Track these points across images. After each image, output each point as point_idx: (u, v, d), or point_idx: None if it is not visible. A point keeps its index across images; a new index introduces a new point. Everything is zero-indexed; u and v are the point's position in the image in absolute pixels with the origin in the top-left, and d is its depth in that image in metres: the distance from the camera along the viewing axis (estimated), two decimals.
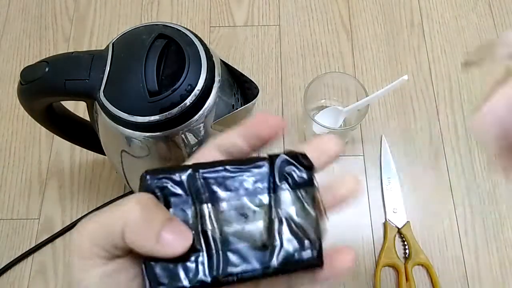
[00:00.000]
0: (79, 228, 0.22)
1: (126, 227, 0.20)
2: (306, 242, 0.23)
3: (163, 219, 0.21)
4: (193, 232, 0.22)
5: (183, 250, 0.21)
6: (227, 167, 0.23)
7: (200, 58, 0.39)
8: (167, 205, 0.22)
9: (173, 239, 0.21)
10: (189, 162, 0.24)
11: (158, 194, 0.22)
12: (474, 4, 0.73)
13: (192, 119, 0.39)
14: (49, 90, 0.40)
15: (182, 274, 0.21)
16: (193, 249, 0.22)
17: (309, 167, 0.24)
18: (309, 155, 0.24)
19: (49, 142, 0.65)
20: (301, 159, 0.24)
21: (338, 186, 0.26)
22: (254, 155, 0.25)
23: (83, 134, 0.53)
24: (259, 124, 0.24)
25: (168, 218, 0.21)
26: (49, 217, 0.60)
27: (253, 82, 0.43)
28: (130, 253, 0.22)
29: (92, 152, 0.59)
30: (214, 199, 0.23)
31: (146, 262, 0.21)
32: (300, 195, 0.24)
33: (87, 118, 0.48)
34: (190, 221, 0.22)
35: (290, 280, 0.24)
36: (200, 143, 0.41)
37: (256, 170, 0.24)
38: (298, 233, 0.23)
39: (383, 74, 0.68)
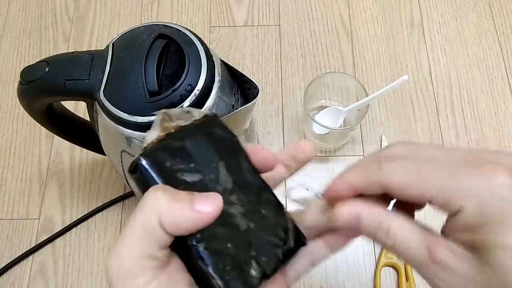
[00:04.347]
0: (112, 258, 0.21)
1: (162, 215, 0.21)
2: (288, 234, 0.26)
3: (186, 193, 0.22)
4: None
5: (219, 209, 0.22)
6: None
7: (200, 58, 0.39)
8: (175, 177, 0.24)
9: (206, 203, 0.22)
10: None
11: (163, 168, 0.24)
12: (474, 4, 0.73)
13: None
14: (49, 90, 0.40)
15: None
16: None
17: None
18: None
19: (49, 142, 0.65)
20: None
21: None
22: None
23: (83, 134, 0.53)
24: (252, 154, 0.26)
25: (188, 192, 0.23)
26: (49, 217, 0.60)
27: (253, 82, 0.43)
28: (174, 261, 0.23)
29: (92, 152, 0.59)
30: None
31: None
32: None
33: (87, 118, 0.48)
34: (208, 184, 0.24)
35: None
36: None
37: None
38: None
39: (383, 74, 0.68)
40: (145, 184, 0.23)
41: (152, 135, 0.24)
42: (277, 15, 0.73)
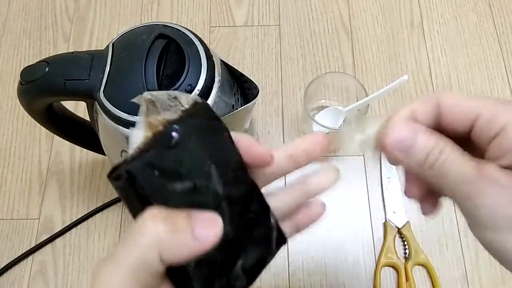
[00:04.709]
0: (102, 282, 0.20)
1: (162, 246, 0.20)
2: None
3: (184, 217, 0.21)
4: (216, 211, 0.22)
5: (220, 235, 0.21)
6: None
7: (200, 58, 0.39)
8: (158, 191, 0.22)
9: (207, 230, 0.21)
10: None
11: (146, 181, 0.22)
12: (474, 4, 0.73)
13: None
14: (49, 90, 0.40)
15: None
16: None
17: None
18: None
19: (49, 142, 0.65)
20: None
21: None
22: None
23: (83, 134, 0.53)
24: (246, 149, 0.25)
25: (187, 214, 0.21)
26: (49, 217, 0.60)
27: (253, 82, 0.43)
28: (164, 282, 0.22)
29: (92, 152, 0.59)
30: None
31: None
32: None
33: (87, 118, 0.48)
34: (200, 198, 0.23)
35: None
36: None
37: None
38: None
39: (383, 74, 0.68)
40: (130, 195, 0.22)
41: (138, 136, 0.22)
42: (277, 15, 0.73)
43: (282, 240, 0.26)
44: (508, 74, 0.68)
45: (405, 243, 0.57)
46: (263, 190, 0.26)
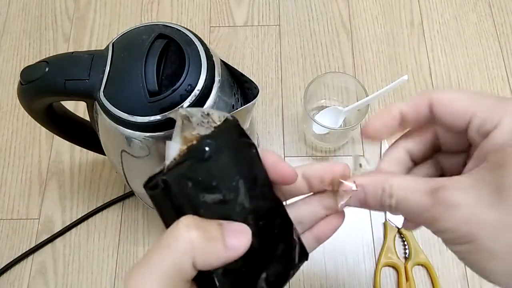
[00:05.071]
0: (136, 286, 0.21)
1: (196, 256, 0.21)
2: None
3: (216, 227, 0.22)
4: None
5: (249, 243, 0.22)
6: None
7: (200, 58, 0.39)
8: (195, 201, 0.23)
9: (238, 240, 0.22)
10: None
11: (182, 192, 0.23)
12: (474, 4, 0.73)
13: None
14: (49, 90, 0.40)
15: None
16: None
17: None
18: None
19: (49, 142, 0.65)
20: None
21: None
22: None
23: (83, 134, 0.53)
24: (273, 168, 0.26)
25: (218, 224, 0.22)
26: (49, 217, 0.60)
27: (253, 82, 0.43)
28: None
29: (92, 152, 0.59)
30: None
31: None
32: None
33: (87, 118, 0.48)
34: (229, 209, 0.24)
35: None
36: None
37: None
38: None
39: (383, 74, 0.68)
40: (165, 203, 0.23)
41: (174, 149, 0.24)
42: (277, 15, 0.73)
43: (304, 255, 0.27)
44: (508, 74, 0.68)
45: (405, 243, 0.57)
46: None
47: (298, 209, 0.28)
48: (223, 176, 0.24)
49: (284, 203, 0.27)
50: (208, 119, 0.25)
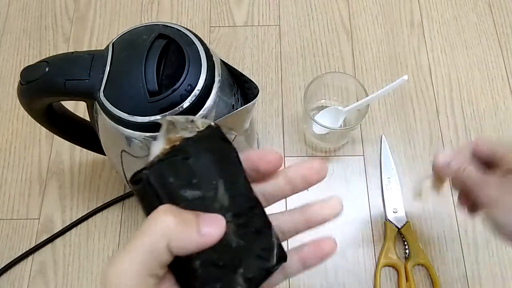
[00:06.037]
0: (113, 273, 0.22)
1: (171, 238, 0.22)
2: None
3: (192, 215, 0.23)
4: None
5: (223, 232, 0.23)
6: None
7: (200, 58, 0.39)
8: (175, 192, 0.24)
9: (211, 226, 0.23)
10: None
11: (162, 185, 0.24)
12: (474, 4, 0.73)
13: None
14: (49, 90, 0.40)
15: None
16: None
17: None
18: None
19: (49, 142, 0.65)
20: None
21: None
22: None
23: (83, 134, 0.53)
24: (258, 159, 0.27)
25: (194, 213, 0.23)
26: (49, 217, 0.60)
27: (253, 82, 0.43)
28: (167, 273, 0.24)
29: (92, 152, 0.59)
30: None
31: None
32: None
33: (87, 118, 0.48)
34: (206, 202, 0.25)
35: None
36: None
37: None
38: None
39: (383, 74, 0.68)
40: (147, 197, 0.24)
41: (157, 147, 0.25)
42: (277, 15, 0.73)
43: (283, 257, 0.27)
44: (508, 74, 0.68)
45: (405, 243, 0.57)
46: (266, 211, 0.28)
47: (278, 218, 0.29)
48: (203, 175, 0.25)
49: (266, 210, 0.28)
50: (192, 125, 0.27)
